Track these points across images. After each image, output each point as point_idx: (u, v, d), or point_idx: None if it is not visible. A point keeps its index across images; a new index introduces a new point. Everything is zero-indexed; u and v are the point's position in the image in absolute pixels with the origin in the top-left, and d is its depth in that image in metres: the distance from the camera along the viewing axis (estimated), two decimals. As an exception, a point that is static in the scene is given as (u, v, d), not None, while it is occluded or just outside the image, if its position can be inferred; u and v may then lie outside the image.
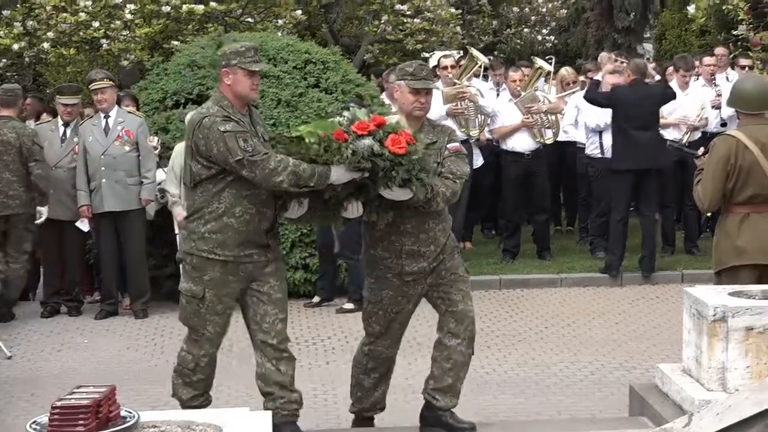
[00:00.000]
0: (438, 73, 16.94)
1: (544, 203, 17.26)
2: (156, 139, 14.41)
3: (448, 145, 8.21)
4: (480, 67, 18.08)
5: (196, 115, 7.89)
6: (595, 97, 16.19)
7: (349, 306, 14.46)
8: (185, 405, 8.25)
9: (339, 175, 7.53)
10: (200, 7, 18.24)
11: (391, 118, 8.07)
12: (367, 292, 8.68)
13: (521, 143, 16.79)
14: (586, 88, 16.88)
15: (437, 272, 8.32)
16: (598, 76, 16.75)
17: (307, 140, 7.67)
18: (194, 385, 8.27)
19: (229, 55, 7.98)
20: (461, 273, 8.58)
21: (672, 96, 16.08)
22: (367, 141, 7.49)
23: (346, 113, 7.86)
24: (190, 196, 7.99)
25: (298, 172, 7.49)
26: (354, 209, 7.87)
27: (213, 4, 18.57)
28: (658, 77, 17.14)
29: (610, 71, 16.48)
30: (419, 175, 7.67)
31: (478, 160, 16.91)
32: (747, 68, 17.30)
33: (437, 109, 16.28)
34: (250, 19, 19.68)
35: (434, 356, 8.56)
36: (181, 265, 8.24)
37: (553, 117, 17.31)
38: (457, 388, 8.55)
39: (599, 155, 16.67)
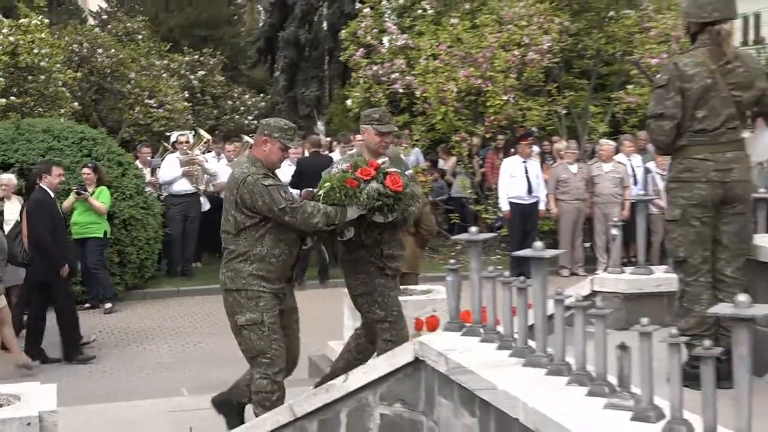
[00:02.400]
0: (176, 146, 16.95)
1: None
2: None
3: (405, 173, 7.48)
4: (206, 142, 18.18)
5: (239, 174, 6.88)
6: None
7: (109, 305, 14.16)
8: None
9: (353, 212, 6.89)
10: (3, 101, 17.78)
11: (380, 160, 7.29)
12: (357, 289, 7.56)
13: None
14: None
15: None
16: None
17: (330, 193, 6.94)
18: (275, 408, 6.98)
19: (273, 128, 7.02)
20: None
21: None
22: (374, 185, 6.87)
23: (344, 165, 7.19)
24: (233, 241, 6.90)
25: (328, 213, 6.83)
26: (350, 232, 7.14)
27: (12, 98, 18.11)
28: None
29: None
30: (411, 203, 7.14)
31: (206, 206, 16.75)
32: (389, 142, 17.72)
33: (174, 171, 16.35)
34: (40, 109, 19.19)
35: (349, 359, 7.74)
36: (232, 302, 6.97)
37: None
38: None
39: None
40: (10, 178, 13.90)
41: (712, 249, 5.50)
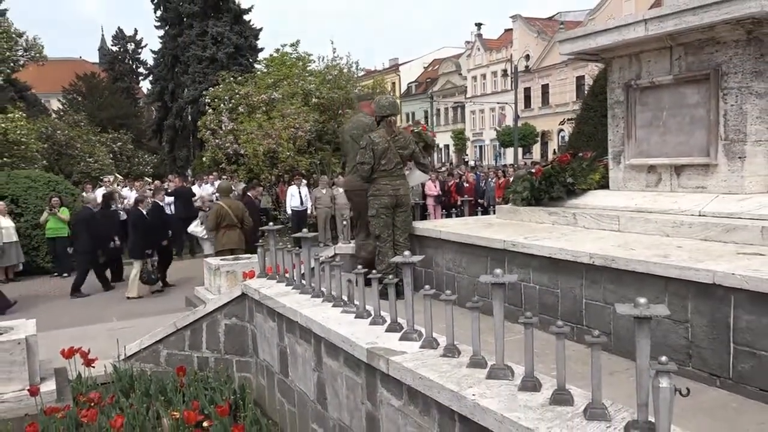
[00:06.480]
0: (103, 184, 15.54)
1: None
2: None
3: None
4: (121, 180, 16.82)
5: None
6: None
7: (66, 274, 12.42)
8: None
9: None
10: (-1, 160, 15.90)
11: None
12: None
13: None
14: None
15: None
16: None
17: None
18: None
19: (376, 100, 5.68)
20: None
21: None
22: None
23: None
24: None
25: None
26: None
27: (5, 159, 16.10)
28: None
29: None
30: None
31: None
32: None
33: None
34: (23, 165, 17.16)
35: None
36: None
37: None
38: None
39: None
40: (2, 204, 12.46)
41: (392, 229, 5.61)
